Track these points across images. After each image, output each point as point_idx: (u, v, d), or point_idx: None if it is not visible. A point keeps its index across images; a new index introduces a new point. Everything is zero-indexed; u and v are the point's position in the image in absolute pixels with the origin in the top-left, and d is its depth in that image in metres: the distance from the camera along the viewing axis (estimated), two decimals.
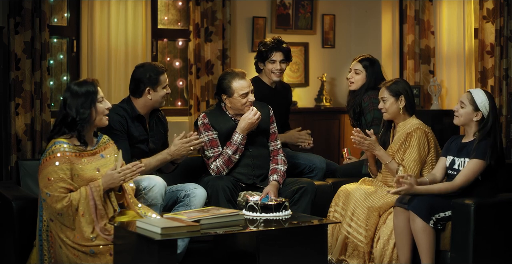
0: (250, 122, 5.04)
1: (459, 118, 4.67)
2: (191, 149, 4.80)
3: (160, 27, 7.20)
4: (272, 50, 5.61)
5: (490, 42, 6.67)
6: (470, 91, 4.67)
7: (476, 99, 4.59)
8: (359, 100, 5.49)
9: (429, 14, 7.40)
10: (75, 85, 4.27)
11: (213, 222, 4.08)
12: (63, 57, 6.75)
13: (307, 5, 7.77)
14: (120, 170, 4.16)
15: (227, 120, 5.16)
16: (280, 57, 5.62)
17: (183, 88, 7.34)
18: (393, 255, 4.70)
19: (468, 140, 4.67)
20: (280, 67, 5.64)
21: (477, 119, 4.60)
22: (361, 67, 5.55)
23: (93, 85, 4.28)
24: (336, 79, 8.03)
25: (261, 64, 5.69)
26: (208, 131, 5.12)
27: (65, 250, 4.12)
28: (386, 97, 4.96)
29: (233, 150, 5.06)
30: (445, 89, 7.24)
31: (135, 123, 4.89)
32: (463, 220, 4.42)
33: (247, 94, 5.08)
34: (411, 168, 4.82)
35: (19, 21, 6.14)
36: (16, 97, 6.13)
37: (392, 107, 4.96)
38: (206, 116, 5.16)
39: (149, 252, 3.76)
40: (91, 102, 4.24)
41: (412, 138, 4.84)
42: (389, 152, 4.93)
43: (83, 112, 4.20)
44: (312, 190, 5.11)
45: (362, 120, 5.51)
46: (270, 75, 5.65)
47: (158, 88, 4.88)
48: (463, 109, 4.63)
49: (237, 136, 5.06)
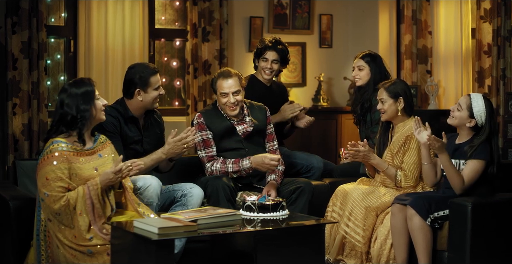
0: (264, 164, 5.00)
1: (453, 120, 4.66)
2: (184, 147, 4.78)
3: (157, 27, 7.20)
4: (266, 48, 5.64)
5: (487, 42, 6.67)
6: (470, 95, 4.63)
7: (473, 106, 4.56)
8: (369, 95, 5.47)
9: (426, 14, 7.40)
10: (73, 86, 4.28)
11: (210, 222, 4.08)
12: (60, 57, 6.75)
13: (304, 5, 7.77)
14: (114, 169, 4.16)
15: (222, 120, 5.16)
16: (273, 57, 5.63)
17: (181, 88, 7.34)
18: (390, 255, 4.71)
19: (462, 141, 4.66)
20: (271, 67, 5.64)
21: (470, 125, 4.59)
22: (363, 62, 5.56)
23: (91, 85, 4.30)
24: (334, 79, 8.03)
25: (256, 60, 5.73)
26: (202, 131, 5.11)
27: (63, 250, 4.11)
28: (384, 98, 4.95)
29: (234, 170, 5.05)
30: (442, 89, 7.25)
31: (128, 124, 4.88)
32: (460, 219, 4.42)
33: (226, 95, 5.06)
34: (411, 171, 4.82)
35: (16, 21, 6.13)
36: (13, 97, 6.13)
37: (391, 108, 4.94)
38: (201, 115, 5.16)
39: (146, 252, 3.76)
40: (91, 99, 4.26)
41: (412, 140, 4.83)
42: (387, 154, 4.93)
43: (84, 109, 4.22)
44: (309, 190, 5.11)
45: (368, 117, 5.50)
46: (261, 72, 5.69)
47: (149, 89, 4.84)
48: (459, 112, 4.62)
49: (246, 163, 5.05)
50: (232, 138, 5.16)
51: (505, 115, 6.31)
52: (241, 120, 5.18)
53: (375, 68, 5.54)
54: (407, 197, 4.63)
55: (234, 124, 5.16)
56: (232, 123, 5.14)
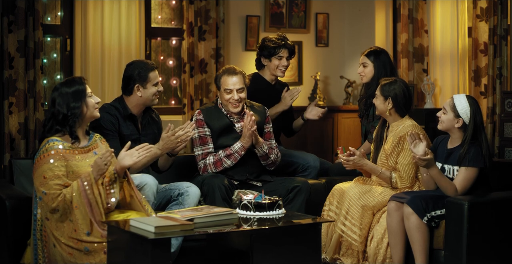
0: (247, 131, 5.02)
1: (442, 124, 4.69)
2: (178, 141, 4.79)
3: (153, 25, 7.19)
4: (280, 46, 5.72)
5: (484, 40, 6.67)
6: (453, 97, 4.69)
7: (457, 106, 4.61)
8: (373, 91, 5.48)
9: (422, 12, 7.40)
10: (64, 86, 4.31)
11: (207, 221, 4.08)
12: (56, 56, 6.74)
13: (301, 3, 7.77)
14: (100, 155, 4.17)
15: (222, 117, 5.17)
16: (286, 54, 5.75)
17: (177, 87, 7.33)
18: (386, 254, 4.71)
19: (453, 145, 4.68)
20: (287, 63, 5.75)
21: (458, 125, 4.62)
22: (367, 59, 5.62)
23: (82, 84, 4.33)
24: (330, 77, 8.03)
25: (265, 60, 5.76)
26: (200, 128, 5.14)
27: (59, 249, 4.11)
28: (377, 95, 5.00)
29: (227, 154, 5.06)
30: (438, 88, 7.25)
31: (127, 122, 4.89)
32: (457, 218, 4.43)
33: (230, 91, 5.09)
34: (406, 172, 4.84)
35: (13, 19, 6.12)
36: (10, 96, 6.11)
37: (380, 106, 4.99)
38: (201, 112, 5.19)
39: (143, 251, 3.76)
40: (81, 98, 4.28)
41: (405, 141, 4.84)
42: (382, 154, 4.94)
43: (73, 107, 4.24)
44: (307, 189, 5.12)
45: (371, 111, 5.53)
46: (275, 71, 5.75)
47: (148, 85, 4.88)
48: (445, 115, 4.66)
49: (237, 144, 5.08)
50: (230, 135, 5.17)
51: (501, 114, 6.31)
52: (240, 118, 5.20)
53: (379, 65, 5.58)
54: (404, 196, 4.64)
55: (234, 122, 5.18)
56: (231, 121, 5.16)
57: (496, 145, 6.35)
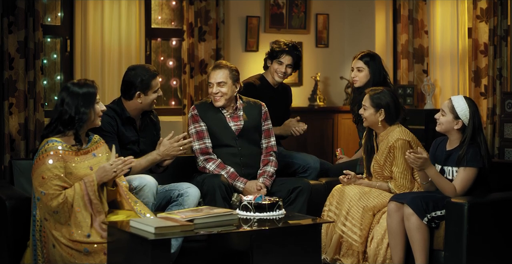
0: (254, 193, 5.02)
1: (441, 126, 4.69)
2: (180, 149, 4.80)
3: (153, 26, 7.19)
4: (283, 51, 5.68)
5: (484, 41, 6.67)
6: (451, 98, 4.68)
7: (456, 107, 4.60)
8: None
9: (422, 13, 7.40)
10: (75, 86, 4.28)
11: (207, 222, 4.08)
12: (56, 56, 6.74)
13: (301, 4, 7.77)
14: (112, 162, 4.17)
15: (216, 112, 5.19)
16: (288, 61, 5.68)
17: (177, 88, 7.33)
18: (387, 255, 4.71)
19: (452, 147, 4.68)
20: (285, 71, 5.70)
21: (457, 127, 4.61)
22: (362, 64, 5.56)
23: (93, 87, 4.30)
24: (330, 78, 8.03)
25: (269, 61, 5.75)
26: (196, 123, 5.16)
27: (59, 249, 4.11)
28: (367, 106, 4.95)
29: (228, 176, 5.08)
30: (438, 88, 7.25)
31: (125, 124, 4.89)
32: (457, 219, 4.43)
33: (212, 85, 5.14)
34: (402, 179, 4.85)
35: (13, 20, 6.12)
36: (10, 97, 6.11)
37: (371, 117, 4.95)
38: (195, 107, 5.22)
39: (143, 252, 3.75)
40: (91, 103, 4.25)
41: (396, 150, 4.84)
42: (374, 165, 4.95)
43: (83, 112, 4.21)
44: (308, 190, 5.13)
45: None
46: (273, 74, 5.71)
47: (149, 92, 4.88)
48: (444, 117, 4.65)
49: (239, 185, 5.09)
50: (226, 134, 5.17)
51: (501, 114, 6.31)
52: (233, 113, 5.20)
53: (374, 69, 5.53)
54: (404, 196, 4.64)
55: (227, 118, 5.18)
56: (223, 115, 5.17)
57: (496, 146, 6.35)
